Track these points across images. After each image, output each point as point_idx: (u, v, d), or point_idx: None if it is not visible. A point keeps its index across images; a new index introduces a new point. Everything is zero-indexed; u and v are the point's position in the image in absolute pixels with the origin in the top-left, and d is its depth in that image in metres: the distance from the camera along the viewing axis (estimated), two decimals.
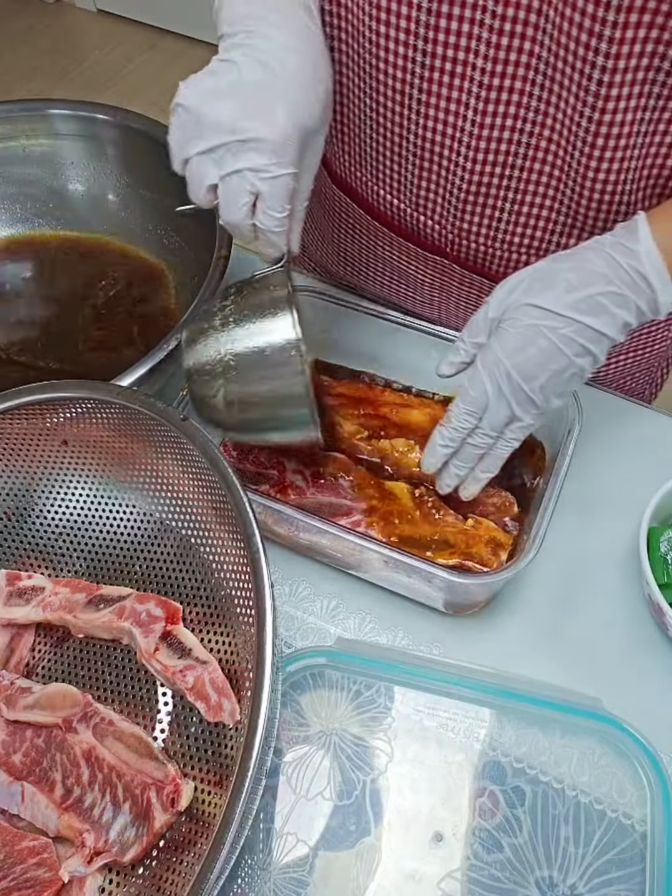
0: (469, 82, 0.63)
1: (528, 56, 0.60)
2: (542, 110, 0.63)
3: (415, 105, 0.67)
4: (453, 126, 0.66)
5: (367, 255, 0.88)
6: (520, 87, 0.62)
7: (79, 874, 0.53)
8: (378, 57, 0.65)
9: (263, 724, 0.49)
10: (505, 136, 0.65)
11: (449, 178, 0.70)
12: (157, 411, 0.61)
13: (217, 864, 0.46)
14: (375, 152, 0.74)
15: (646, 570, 0.66)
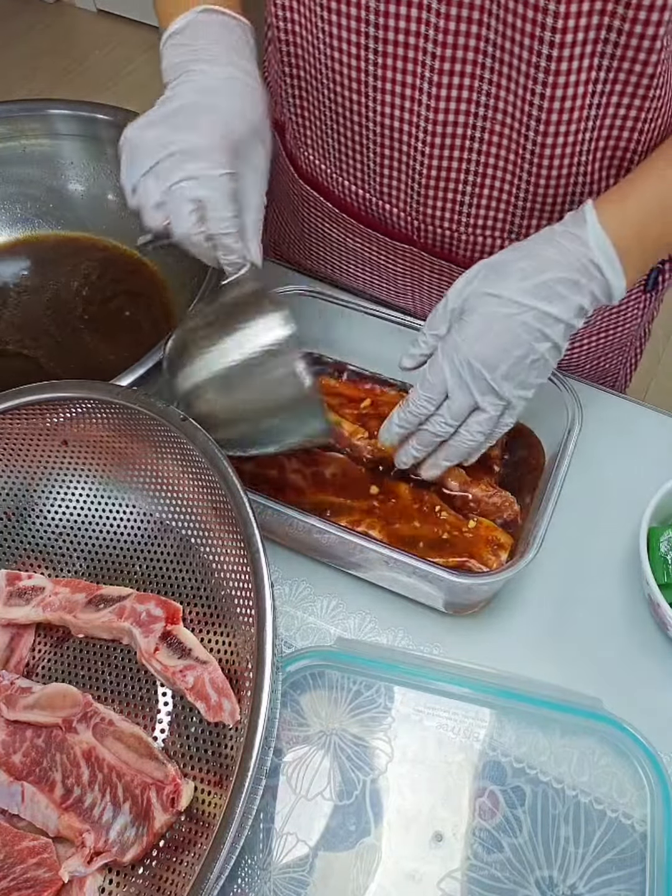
0: (421, 67, 0.64)
1: (477, 39, 0.61)
2: (494, 93, 0.64)
3: (371, 92, 0.68)
4: (410, 111, 0.67)
5: (338, 248, 0.89)
6: (470, 70, 0.63)
7: (79, 874, 0.53)
8: (332, 47, 0.66)
9: (263, 724, 0.49)
10: (461, 120, 0.67)
11: (410, 164, 0.71)
12: (156, 411, 0.61)
13: (217, 864, 0.46)
14: (338, 143, 0.75)
15: (646, 570, 0.66)
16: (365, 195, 0.78)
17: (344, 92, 0.69)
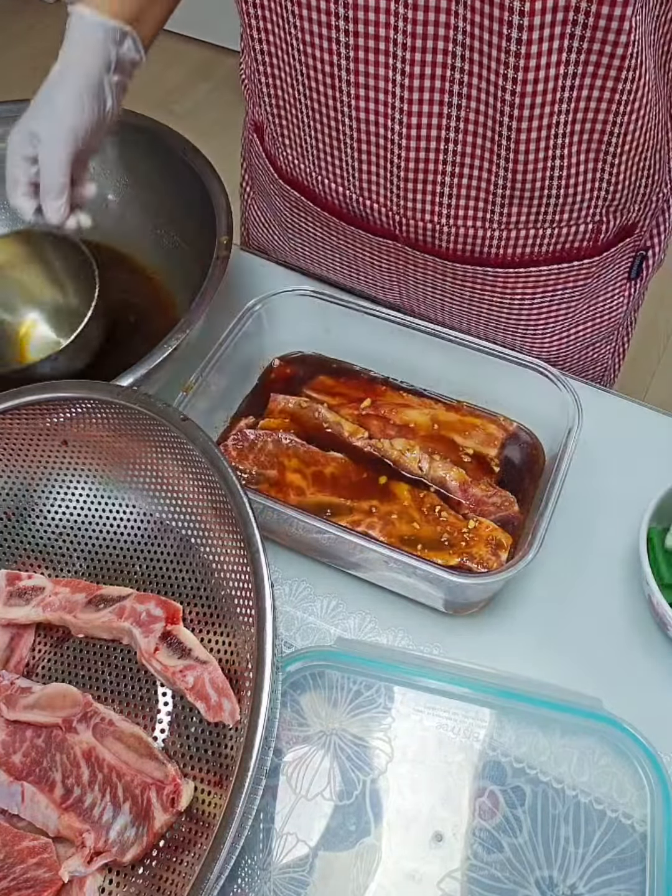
0: (393, 58, 0.64)
1: (446, 28, 0.61)
2: (467, 81, 0.64)
3: (345, 87, 0.68)
4: (384, 104, 0.68)
5: (323, 246, 0.89)
6: (441, 60, 0.63)
7: (79, 874, 0.53)
8: (304, 42, 0.66)
9: (263, 724, 0.49)
10: (435, 110, 0.67)
11: (388, 158, 0.72)
12: (157, 411, 0.61)
13: (217, 864, 0.46)
14: (315, 141, 0.75)
15: (646, 570, 0.66)
16: (345, 192, 0.78)
17: (318, 87, 0.69)
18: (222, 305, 0.78)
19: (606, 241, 0.78)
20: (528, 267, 0.78)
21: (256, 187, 0.95)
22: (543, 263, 0.78)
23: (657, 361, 2.02)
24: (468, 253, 0.78)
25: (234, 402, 0.80)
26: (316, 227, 0.86)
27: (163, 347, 0.71)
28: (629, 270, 0.85)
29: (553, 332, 0.87)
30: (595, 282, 0.83)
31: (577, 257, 0.78)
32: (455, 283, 0.83)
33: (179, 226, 0.92)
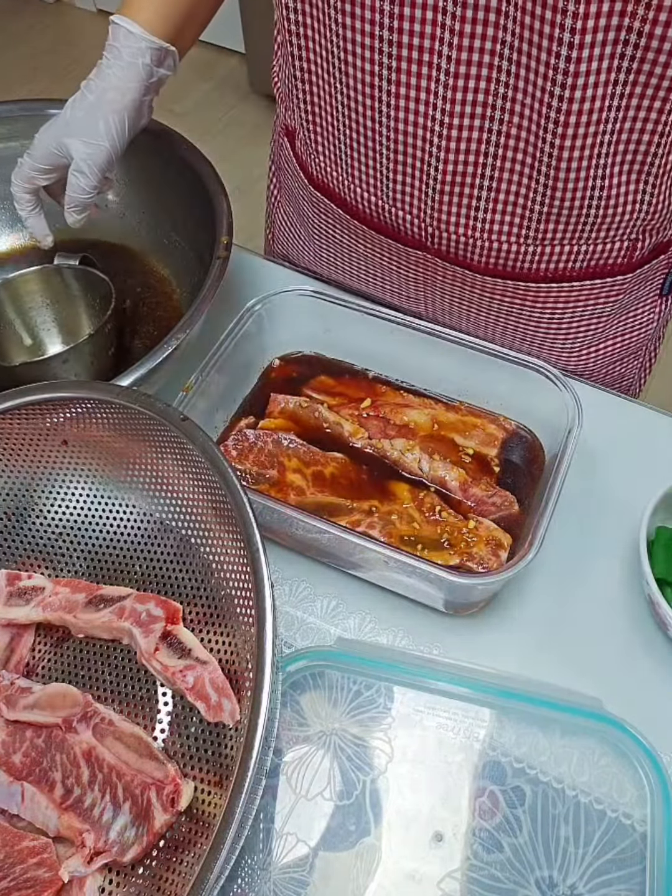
0: (436, 71, 0.63)
1: (493, 42, 0.61)
2: (511, 96, 0.63)
3: (385, 97, 0.67)
4: (424, 116, 0.67)
5: (349, 253, 0.88)
6: (486, 73, 0.63)
7: (79, 874, 0.53)
8: (346, 50, 0.66)
9: (263, 724, 0.49)
10: (476, 124, 0.66)
11: (424, 170, 0.71)
12: (157, 411, 0.61)
13: (217, 864, 0.46)
14: (350, 149, 0.74)
15: (646, 570, 0.66)
16: (377, 202, 0.77)
17: (357, 97, 0.69)
18: (222, 305, 0.78)
19: (641, 259, 0.77)
20: (561, 282, 0.78)
21: (284, 191, 0.94)
22: (577, 279, 0.77)
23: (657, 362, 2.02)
24: (500, 267, 0.77)
25: (234, 402, 0.80)
26: (344, 234, 0.85)
27: (163, 347, 0.71)
28: (661, 286, 0.84)
29: (582, 346, 0.86)
30: (627, 298, 0.82)
31: (611, 274, 0.77)
32: (484, 296, 0.82)
33: (179, 226, 0.92)
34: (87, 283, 0.86)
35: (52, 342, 0.89)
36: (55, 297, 0.87)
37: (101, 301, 0.84)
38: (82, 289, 0.87)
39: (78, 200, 0.75)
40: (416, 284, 0.86)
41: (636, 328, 0.88)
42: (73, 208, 0.76)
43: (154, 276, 0.94)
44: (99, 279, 0.84)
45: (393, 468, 0.75)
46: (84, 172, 0.73)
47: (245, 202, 1.73)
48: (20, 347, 0.87)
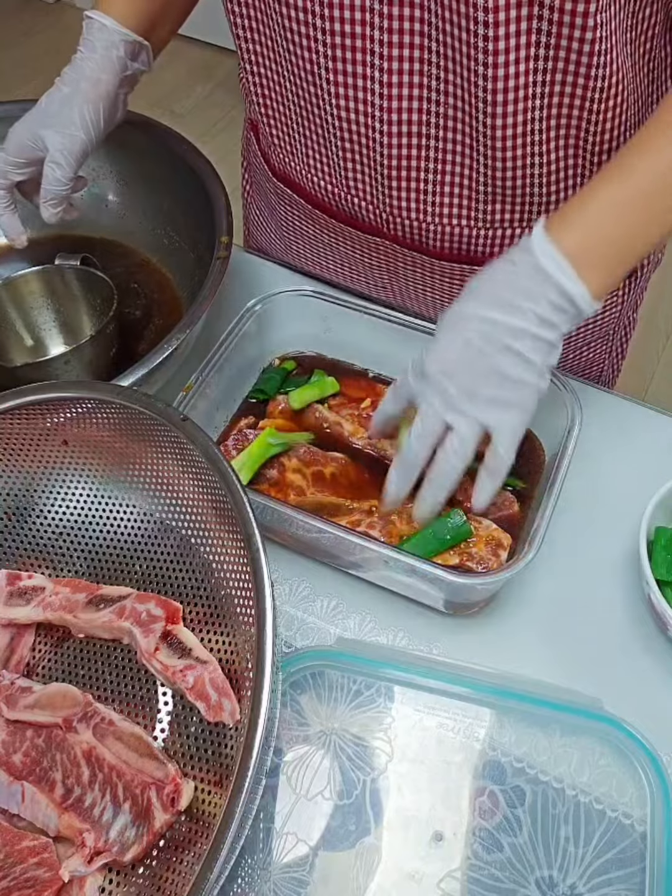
0: (370, 55, 0.64)
1: (420, 23, 0.62)
2: (443, 77, 0.64)
3: (325, 85, 0.68)
4: (364, 102, 0.68)
5: (315, 243, 0.89)
6: (418, 55, 0.64)
7: (79, 874, 0.53)
8: (287, 40, 0.67)
9: (263, 723, 0.49)
10: (415, 106, 0.67)
11: (370, 156, 0.72)
12: (157, 411, 0.61)
13: (217, 864, 0.46)
14: (303, 138, 0.76)
15: (646, 570, 0.66)
16: (333, 190, 0.78)
17: (302, 85, 0.70)
18: (222, 305, 0.78)
19: None
20: None
21: (255, 186, 0.95)
22: None
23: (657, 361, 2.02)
24: (455, 251, 0.78)
25: (234, 402, 0.80)
26: (309, 224, 0.86)
27: (163, 347, 0.71)
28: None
29: None
30: None
31: None
32: (444, 281, 0.83)
33: (179, 226, 0.92)
34: (88, 283, 0.86)
35: (54, 343, 0.89)
36: (56, 298, 0.87)
37: (103, 302, 0.84)
38: (83, 289, 0.87)
39: (54, 193, 0.75)
40: (380, 272, 0.87)
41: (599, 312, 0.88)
42: (49, 202, 0.76)
43: (154, 277, 0.94)
44: (100, 280, 0.84)
45: None
46: (60, 163, 0.73)
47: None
48: (21, 348, 0.87)
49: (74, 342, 0.79)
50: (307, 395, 0.79)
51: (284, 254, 0.96)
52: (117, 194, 0.97)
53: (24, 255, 0.96)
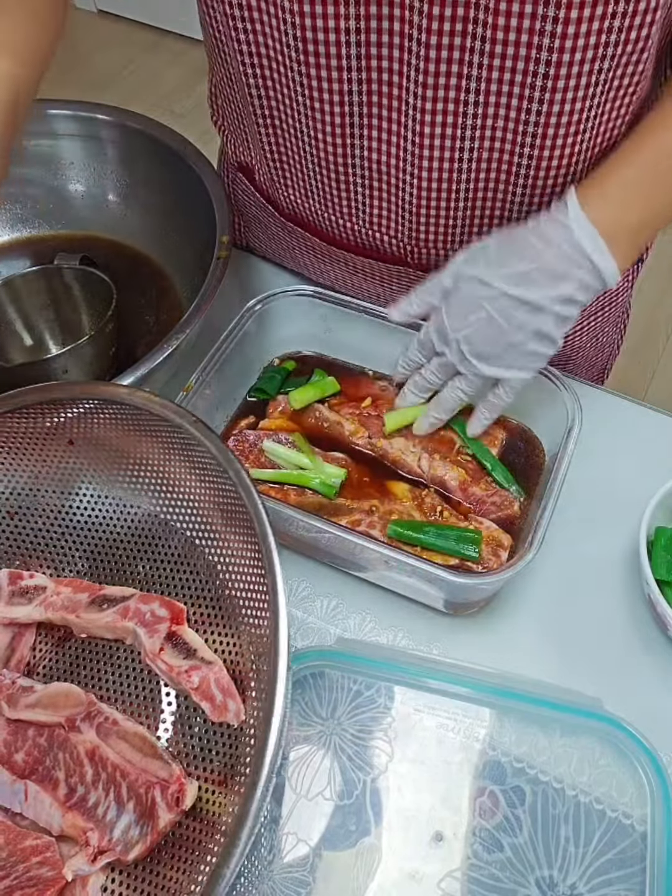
0: (406, 105, 0.63)
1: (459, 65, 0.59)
2: (481, 123, 0.63)
3: (357, 132, 0.67)
4: (396, 146, 0.67)
5: (331, 273, 0.88)
6: (452, 108, 0.62)
7: (82, 873, 0.53)
8: (313, 98, 0.65)
9: (280, 722, 0.48)
10: (446, 154, 0.66)
11: (399, 196, 0.71)
12: (168, 413, 0.60)
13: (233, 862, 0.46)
14: (321, 184, 0.74)
15: (646, 570, 0.66)
16: (353, 226, 0.77)
17: (326, 138, 0.68)
18: (222, 305, 0.78)
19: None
20: None
21: (249, 220, 0.93)
22: None
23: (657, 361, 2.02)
24: None
25: (234, 402, 0.81)
26: (324, 258, 0.85)
27: (163, 347, 0.71)
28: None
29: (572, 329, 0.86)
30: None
31: None
32: None
33: (179, 226, 0.92)
34: (87, 283, 0.86)
35: (53, 343, 0.89)
36: (56, 298, 0.87)
37: (102, 301, 0.84)
38: (83, 289, 0.87)
39: None
40: (399, 294, 0.86)
41: (613, 296, 0.88)
42: None
43: (154, 277, 0.94)
44: (99, 279, 0.84)
45: (393, 468, 0.76)
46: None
47: None
48: (21, 348, 0.87)
49: (74, 342, 0.79)
50: (307, 395, 0.79)
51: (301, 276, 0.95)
52: (117, 194, 0.97)
53: (24, 255, 0.96)
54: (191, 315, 0.74)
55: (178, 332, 0.72)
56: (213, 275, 0.77)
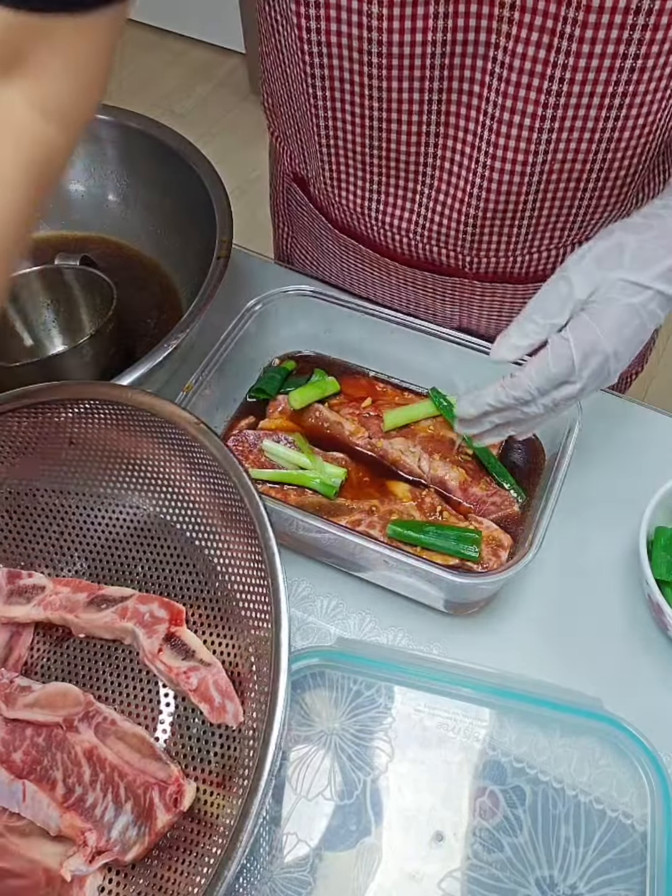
0: (483, 115, 0.63)
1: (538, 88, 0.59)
2: (556, 137, 0.62)
3: (431, 140, 0.66)
4: (469, 157, 0.66)
5: (381, 285, 0.88)
6: (529, 122, 0.62)
7: (80, 873, 0.53)
8: (390, 109, 0.65)
9: (280, 725, 0.48)
10: (518, 169, 0.65)
11: (464, 210, 0.70)
12: (169, 414, 0.61)
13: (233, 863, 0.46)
14: (385, 195, 0.74)
15: (646, 570, 0.66)
16: (410, 242, 0.76)
17: (398, 154, 0.68)
18: (222, 305, 0.78)
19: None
20: None
21: (298, 229, 0.93)
22: None
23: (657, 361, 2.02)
24: (540, 272, 0.77)
25: (234, 402, 0.81)
26: (374, 269, 0.85)
27: (163, 347, 0.71)
28: None
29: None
30: None
31: None
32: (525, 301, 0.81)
33: (179, 226, 0.92)
34: (87, 283, 0.86)
35: (53, 342, 0.89)
36: (56, 297, 0.87)
37: (102, 301, 0.84)
38: (83, 289, 0.87)
39: None
40: (452, 305, 0.86)
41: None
42: None
43: (154, 276, 0.94)
44: (100, 279, 0.84)
45: (393, 468, 0.76)
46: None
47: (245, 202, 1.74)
48: (21, 347, 0.87)
49: (74, 342, 0.79)
50: (307, 395, 0.79)
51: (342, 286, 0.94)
52: (117, 194, 0.97)
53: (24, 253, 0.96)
54: (191, 315, 0.73)
55: (178, 332, 0.72)
56: (213, 275, 0.77)
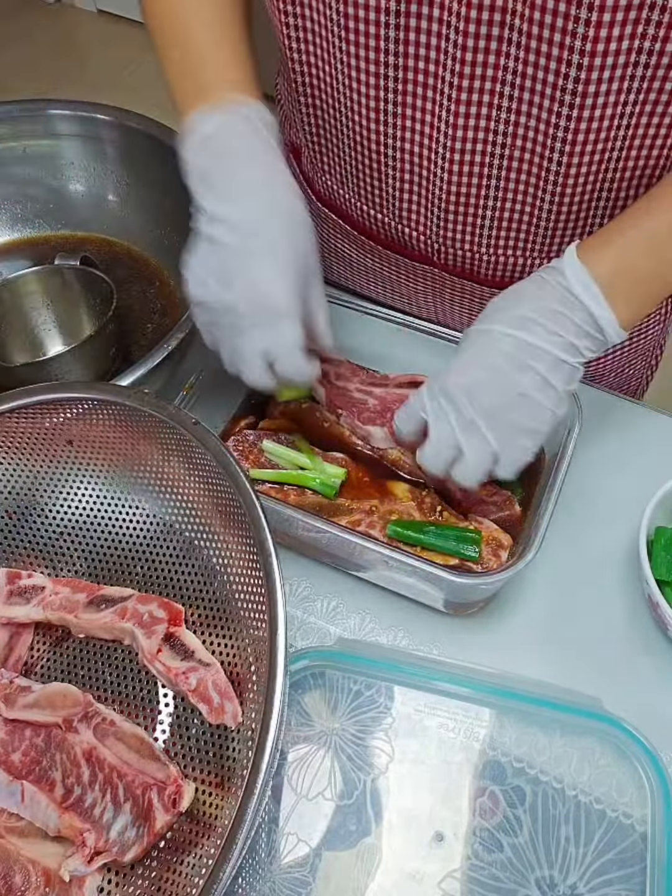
0: (440, 95, 0.63)
1: (494, 69, 0.60)
2: (514, 120, 0.63)
3: (390, 119, 0.67)
4: (429, 137, 0.67)
5: (358, 266, 0.88)
6: (488, 100, 0.62)
7: (79, 873, 0.53)
8: (350, 77, 0.65)
9: (276, 726, 0.48)
10: (479, 148, 0.66)
11: (429, 189, 0.71)
12: (167, 414, 0.61)
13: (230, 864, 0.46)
14: (355, 170, 0.74)
15: (646, 570, 0.66)
16: (383, 219, 0.77)
17: (362, 121, 0.68)
18: None
19: None
20: None
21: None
22: None
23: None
24: (507, 279, 0.77)
25: (234, 402, 0.80)
26: (352, 248, 0.86)
27: (163, 347, 0.71)
28: None
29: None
30: None
31: None
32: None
33: (179, 226, 0.92)
34: (87, 283, 0.86)
35: (53, 343, 0.89)
36: (56, 298, 0.87)
37: (102, 301, 0.84)
38: (83, 289, 0.87)
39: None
40: (425, 296, 0.86)
41: (643, 329, 0.87)
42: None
43: (154, 277, 0.94)
44: (99, 279, 0.84)
45: (393, 468, 0.75)
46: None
47: None
48: (21, 348, 0.87)
49: (74, 342, 0.79)
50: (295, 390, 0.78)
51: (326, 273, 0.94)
52: (117, 194, 0.97)
53: (24, 255, 0.96)
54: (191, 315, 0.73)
55: (178, 331, 0.72)
56: None
